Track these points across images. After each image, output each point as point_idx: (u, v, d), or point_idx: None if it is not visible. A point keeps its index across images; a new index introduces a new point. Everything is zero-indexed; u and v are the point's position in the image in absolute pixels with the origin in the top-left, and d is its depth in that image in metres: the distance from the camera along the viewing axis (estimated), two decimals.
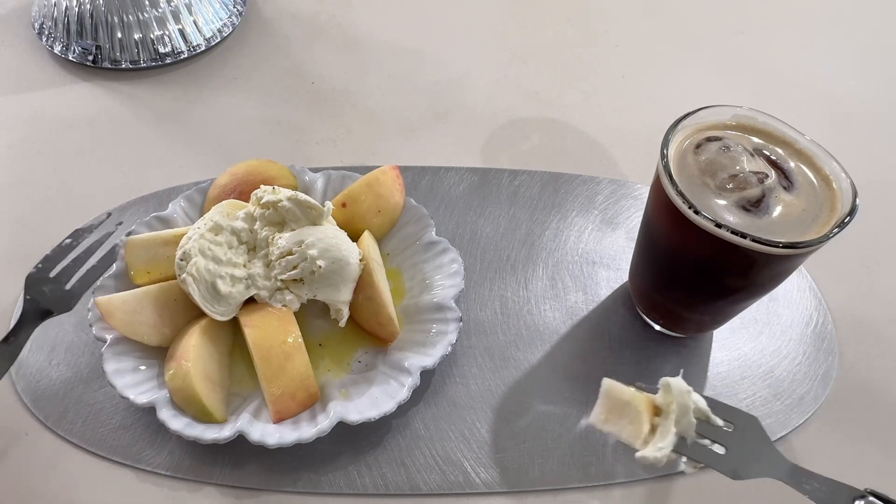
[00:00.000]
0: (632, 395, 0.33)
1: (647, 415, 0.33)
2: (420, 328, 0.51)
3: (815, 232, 0.42)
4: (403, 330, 0.51)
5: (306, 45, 0.75)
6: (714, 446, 0.32)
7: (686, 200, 0.42)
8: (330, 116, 0.69)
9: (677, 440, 0.32)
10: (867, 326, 0.56)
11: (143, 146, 0.65)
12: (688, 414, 0.32)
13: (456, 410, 0.49)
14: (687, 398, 0.32)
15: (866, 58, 0.79)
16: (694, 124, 0.47)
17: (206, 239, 0.48)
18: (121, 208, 0.59)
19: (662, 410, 0.33)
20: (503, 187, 0.62)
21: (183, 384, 0.44)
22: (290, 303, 0.49)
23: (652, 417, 0.33)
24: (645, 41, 0.79)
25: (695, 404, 0.32)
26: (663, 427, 0.32)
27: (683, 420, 0.32)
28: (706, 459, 0.32)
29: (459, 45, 0.77)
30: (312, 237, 0.48)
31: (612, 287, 0.57)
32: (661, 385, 0.34)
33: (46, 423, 0.48)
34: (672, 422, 0.32)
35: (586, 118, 0.70)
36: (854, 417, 0.51)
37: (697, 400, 0.32)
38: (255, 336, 0.46)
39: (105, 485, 0.46)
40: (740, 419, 0.32)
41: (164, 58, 0.71)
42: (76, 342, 0.51)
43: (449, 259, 0.53)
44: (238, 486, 0.46)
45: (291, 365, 0.46)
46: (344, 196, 0.54)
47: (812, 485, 0.33)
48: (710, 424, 0.32)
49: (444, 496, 0.46)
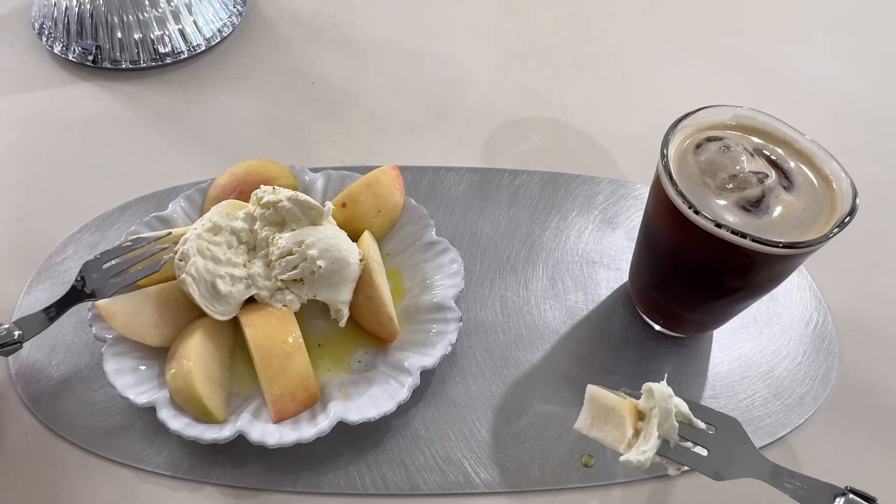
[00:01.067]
0: (616, 400, 0.34)
1: (630, 419, 0.33)
2: (420, 328, 0.51)
3: (815, 232, 0.42)
4: (403, 330, 0.51)
5: (306, 45, 0.75)
6: (696, 448, 0.32)
7: (686, 200, 0.42)
8: (330, 116, 0.69)
9: (661, 443, 0.33)
10: (867, 326, 0.56)
11: (143, 146, 0.65)
12: (670, 418, 0.32)
13: (456, 410, 0.49)
14: (669, 402, 0.32)
15: (866, 58, 0.79)
16: (694, 124, 0.47)
17: (203, 239, 0.48)
18: (121, 208, 0.59)
19: (645, 415, 0.33)
20: (503, 187, 0.62)
21: (184, 384, 0.44)
22: (290, 303, 0.49)
23: (636, 422, 0.33)
24: (645, 41, 0.79)
25: (676, 408, 0.33)
26: (646, 431, 0.32)
27: (666, 424, 0.32)
28: (689, 462, 0.32)
29: (459, 45, 0.77)
30: (312, 237, 0.48)
31: (612, 287, 0.57)
32: (644, 390, 0.34)
33: (46, 423, 0.48)
34: (654, 426, 0.32)
35: (586, 118, 0.70)
36: (854, 417, 0.51)
37: (679, 404, 0.33)
38: (255, 336, 0.46)
39: (105, 485, 0.46)
40: (722, 421, 0.33)
41: (164, 58, 0.71)
42: (76, 342, 0.51)
43: (449, 259, 0.53)
44: (238, 486, 0.46)
45: (292, 365, 0.46)
46: (344, 196, 0.54)
47: (794, 483, 0.33)
48: (692, 427, 0.32)
49: (444, 496, 0.46)
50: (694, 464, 0.32)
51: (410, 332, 0.51)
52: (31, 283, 0.54)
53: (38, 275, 0.54)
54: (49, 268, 0.55)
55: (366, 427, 0.46)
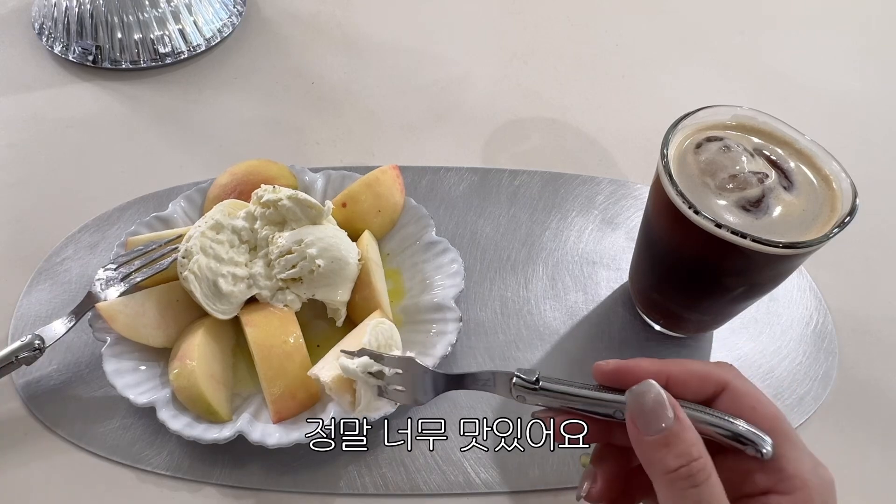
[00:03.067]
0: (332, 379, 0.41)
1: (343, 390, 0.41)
2: (420, 328, 0.51)
3: (815, 232, 0.42)
4: (403, 330, 0.51)
5: (306, 45, 0.75)
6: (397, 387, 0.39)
7: (686, 200, 0.42)
8: (330, 116, 0.69)
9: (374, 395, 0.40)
10: (867, 326, 0.56)
11: (143, 146, 0.65)
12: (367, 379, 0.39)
13: (456, 410, 0.49)
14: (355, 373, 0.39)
15: (866, 58, 0.79)
16: (694, 124, 0.47)
17: (206, 237, 0.48)
18: (121, 208, 0.59)
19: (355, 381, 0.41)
20: (503, 187, 0.62)
21: (188, 383, 0.44)
22: (291, 303, 0.49)
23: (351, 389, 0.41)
24: (645, 41, 0.79)
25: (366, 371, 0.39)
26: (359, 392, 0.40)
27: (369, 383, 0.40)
28: (397, 398, 0.40)
29: (459, 45, 0.77)
30: (312, 236, 0.48)
31: (612, 287, 0.57)
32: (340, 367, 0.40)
33: (46, 423, 0.48)
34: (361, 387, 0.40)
35: (586, 118, 0.70)
36: (854, 417, 0.51)
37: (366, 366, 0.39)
38: (256, 336, 0.46)
39: (105, 485, 0.46)
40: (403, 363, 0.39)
41: (164, 58, 0.71)
42: (76, 342, 0.51)
43: (449, 259, 0.53)
44: (238, 486, 0.46)
45: (292, 365, 0.46)
46: (344, 196, 0.54)
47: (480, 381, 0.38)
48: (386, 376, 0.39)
49: (444, 496, 0.46)
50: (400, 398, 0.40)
51: (410, 332, 0.51)
52: (30, 283, 0.54)
53: (37, 275, 0.54)
54: (49, 268, 0.55)
55: None
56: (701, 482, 0.31)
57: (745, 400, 0.34)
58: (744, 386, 0.35)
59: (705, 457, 0.31)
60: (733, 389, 0.35)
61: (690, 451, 0.31)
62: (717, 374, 0.35)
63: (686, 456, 0.31)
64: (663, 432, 0.32)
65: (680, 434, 0.32)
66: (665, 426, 0.32)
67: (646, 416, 0.33)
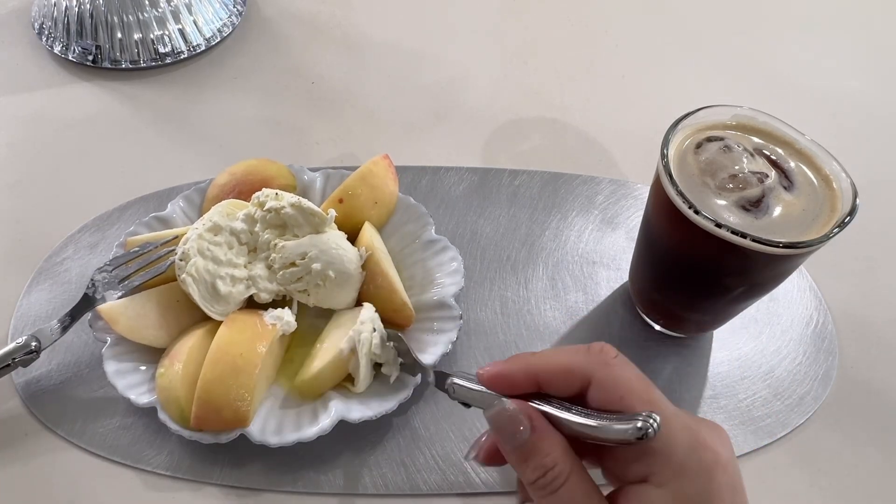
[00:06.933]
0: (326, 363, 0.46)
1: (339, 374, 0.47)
2: (420, 326, 0.51)
3: (815, 232, 0.42)
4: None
5: (306, 45, 0.75)
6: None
7: (686, 200, 0.42)
8: (330, 116, 0.69)
9: (372, 368, 0.47)
10: (867, 326, 0.56)
11: (143, 146, 0.65)
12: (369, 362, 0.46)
13: (456, 410, 0.49)
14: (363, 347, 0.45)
15: (866, 58, 0.79)
16: (694, 124, 0.47)
17: (204, 239, 0.48)
18: (121, 208, 0.59)
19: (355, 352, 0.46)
20: (503, 187, 0.62)
21: (168, 385, 0.44)
22: (287, 325, 0.48)
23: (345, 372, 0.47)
24: (645, 41, 0.79)
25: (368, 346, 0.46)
26: (358, 371, 0.46)
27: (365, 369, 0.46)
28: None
29: (459, 45, 0.77)
30: (315, 249, 0.48)
31: (612, 287, 0.57)
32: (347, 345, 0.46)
33: (46, 423, 0.48)
34: (361, 356, 0.45)
35: (586, 118, 0.70)
36: (854, 417, 0.51)
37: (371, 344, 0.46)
38: (221, 335, 0.45)
39: (105, 485, 0.46)
40: (393, 337, 0.46)
41: (164, 58, 0.71)
42: (76, 342, 0.51)
43: (449, 257, 0.53)
44: (238, 486, 0.46)
45: (233, 380, 0.43)
46: (340, 192, 0.54)
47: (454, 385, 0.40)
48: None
49: (444, 496, 0.46)
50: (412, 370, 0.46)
51: (411, 329, 0.51)
52: (30, 283, 0.54)
53: (37, 275, 0.54)
54: (49, 268, 0.55)
55: (366, 427, 0.46)
56: (557, 487, 0.32)
57: (614, 391, 0.33)
58: (610, 375, 0.33)
59: (561, 462, 0.32)
60: (599, 381, 0.33)
61: (545, 461, 0.32)
62: (581, 369, 0.34)
63: (541, 468, 0.32)
64: (521, 447, 0.33)
65: (536, 444, 0.33)
66: (519, 440, 0.33)
67: (503, 435, 0.34)
